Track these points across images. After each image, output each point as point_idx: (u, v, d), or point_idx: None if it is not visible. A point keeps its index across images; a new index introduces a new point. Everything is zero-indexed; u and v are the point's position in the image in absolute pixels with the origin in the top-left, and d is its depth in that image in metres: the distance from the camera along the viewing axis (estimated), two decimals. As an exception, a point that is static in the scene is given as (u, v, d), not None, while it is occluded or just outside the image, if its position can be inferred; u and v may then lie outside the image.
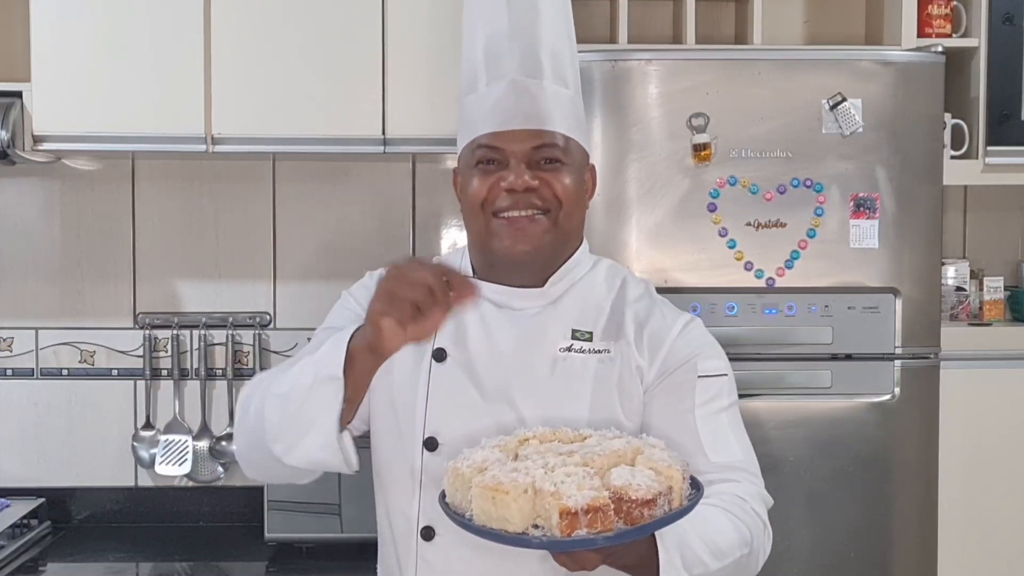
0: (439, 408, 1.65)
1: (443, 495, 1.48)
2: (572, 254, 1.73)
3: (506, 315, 1.70)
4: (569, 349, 1.68)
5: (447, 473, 1.46)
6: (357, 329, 1.54)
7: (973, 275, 2.94)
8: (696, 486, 1.48)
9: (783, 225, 2.46)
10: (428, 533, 1.67)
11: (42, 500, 2.89)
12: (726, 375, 1.71)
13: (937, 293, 2.54)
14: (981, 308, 2.91)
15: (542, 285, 1.71)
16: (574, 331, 1.69)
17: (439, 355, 1.69)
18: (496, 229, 1.66)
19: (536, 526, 1.36)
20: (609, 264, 1.80)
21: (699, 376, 1.67)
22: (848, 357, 2.48)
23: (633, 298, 1.73)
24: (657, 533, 1.47)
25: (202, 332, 2.95)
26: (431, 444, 1.66)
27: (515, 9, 1.68)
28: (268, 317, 2.99)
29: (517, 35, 1.67)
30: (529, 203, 1.64)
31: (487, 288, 1.71)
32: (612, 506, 1.35)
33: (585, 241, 1.78)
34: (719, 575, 1.55)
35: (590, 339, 1.68)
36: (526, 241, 1.65)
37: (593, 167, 1.76)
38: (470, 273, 1.77)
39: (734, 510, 1.60)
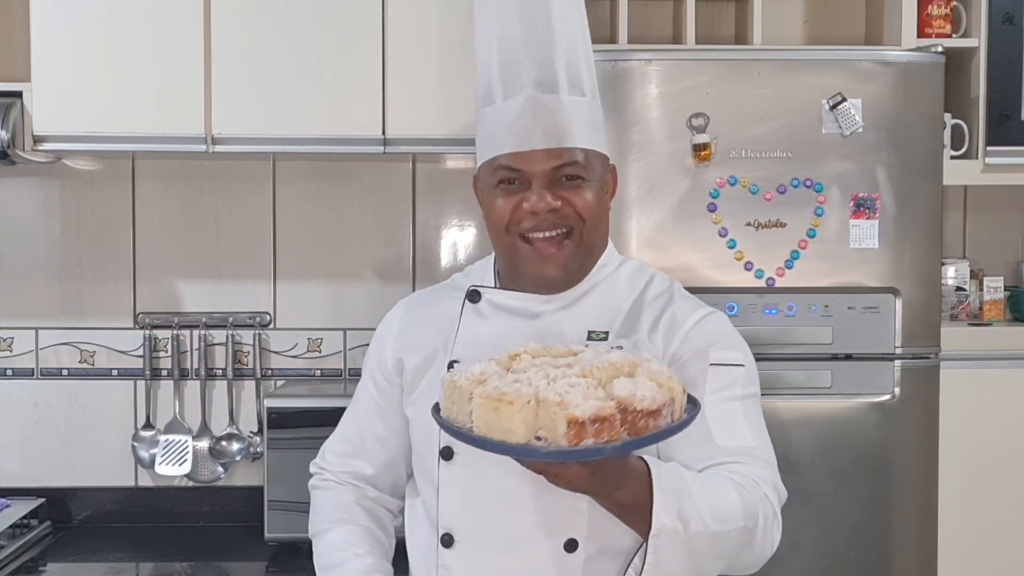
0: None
1: (436, 408, 1.45)
2: (598, 259, 1.73)
3: (523, 323, 1.70)
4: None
5: (443, 386, 1.43)
6: None
7: (973, 275, 2.94)
8: (693, 402, 1.45)
9: (783, 225, 2.46)
10: (448, 540, 1.68)
11: (42, 500, 2.89)
12: (743, 366, 1.67)
13: (937, 293, 2.54)
14: (981, 308, 2.91)
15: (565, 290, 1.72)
16: (590, 332, 1.68)
17: (452, 367, 1.71)
18: (523, 252, 1.67)
19: (538, 438, 1.32)
20: (637, 265, 1.79)
21: (711, 364, 1.64)
22: (848, 357, 2.49)
23: (653, 296, 1.73)
24: (656, 478, 1.45)
25: (202, 332, 2.95)
26: (447, 454, 1.68)
27: (528, 19, 1.65)
28: (268, 317, 2.99)
29: (531, 47, 1.65)
30: (553, 223, 1.65)
31: (507, 296, 1.73)
32: (618, 416, 1.32)
33: (611, 242, 1.77)
34: (718, 542, 1.49)
35: (605, 339, 1.68)
36: (553, 266, 1.67)
37: (614, 168, 1.75)
38: (492, 281, 1.77)
39: (742, 483, 1.55)
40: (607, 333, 1.68)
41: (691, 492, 1.48)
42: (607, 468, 1.40)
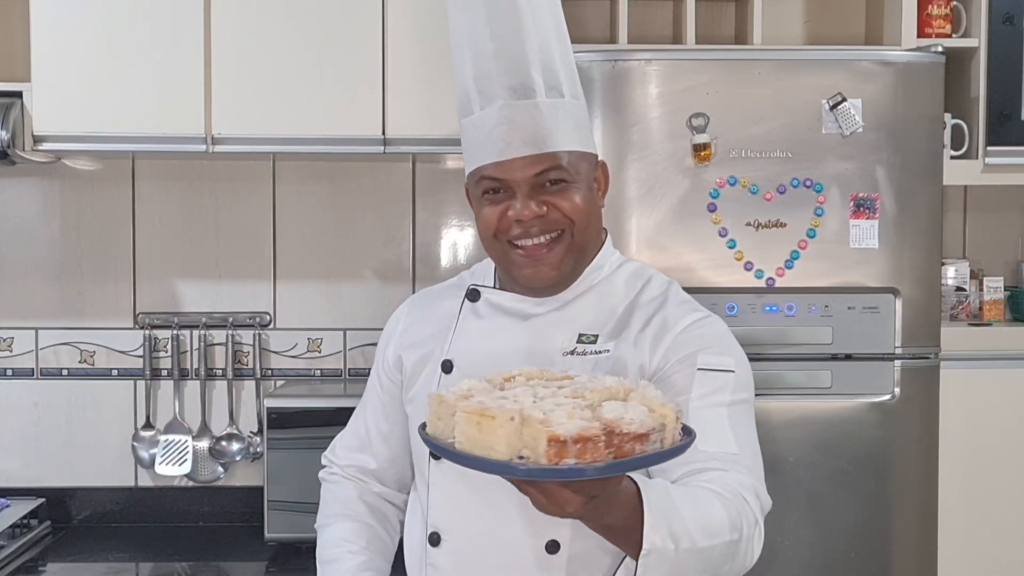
0: None
1: (423, 426, 1.43)
2: (592, 259, 1.72)
3: (516, 323, 1.70)
4: (572, 352, 1.67)
5: (429, 402, 1.41)
6: None
7: (973, 275, 2.94)
8: (688, 433, 1.41)
9: (783, 225, 2.46)
10: (435, 539, 1.69)
11: (42, 500, 2.89)
12: (733, 372, 1.66)
13: (937, 293, 2.54)
14: (981, 308, 2.91)
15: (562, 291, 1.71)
16: (580, 335, 1.68)
17: (446, 367, 1.71)
18: (515, 259, 1.67)
19: (521, 457, 1.29)
20: (636, 267, 1.77)
21: (699, 369, 1.63)
22: (848, 357, 2.48)
23: (647, 299, 1.71)
24: (645, 497, 1.43)
25: (202, 332, 2.95)
26: (436, 454, 1.67)
27: (497, 26, 1.64)
28: (268, 317, 2.99)
29: (503, 55, 1.64)
30: (541, 229, 1.64)
31: (503, 297, 1.73)
32: (603, 438, 1.28)
33: (608, 239, 1.76)
34: (705, 556, 1.48)
35: (594, 341, 1.67)
36: (545, 269, 1.66)
37: (603, 164, 1.74)
38: (492, 281, 1.77)
39: (725, 494, 1.53)
40: (596, 336, 1.67)
41: (679, 510, 1.46)
42: (602, 496, 1.37)
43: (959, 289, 2.90)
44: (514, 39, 1.64)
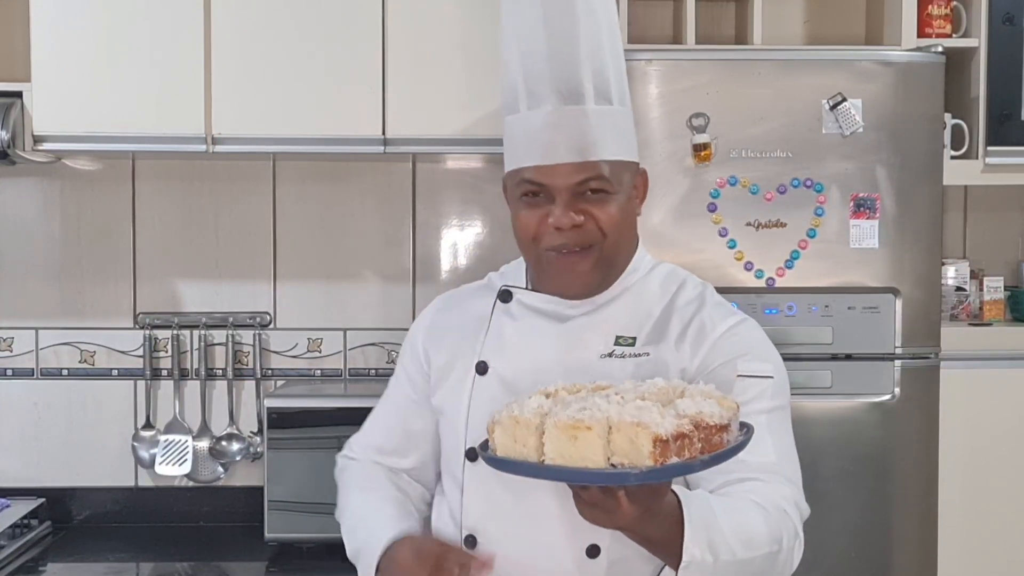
0: (479, 420, 1.62)
1: (483, 446, 1.42)
2: (625, 266, 1.71)
3: (551, 325, 1.69)
4: (610, 355, 1.66)
5: (496, 426, 1.39)
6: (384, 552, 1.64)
7: (973, 275, 2.94)
8: (744, 427, 1.44)
9: (783, 225, 2.46)
10: (471, 542, 1.67)
11: (42, 500, 2.89)
12: (771, 378, 1.65)
13: (937, 293, 2.54)
14: (981, 308, 2.91)
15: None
16: (618, 337, 1.67)
17: (481, 368, 1.70)
18: (547, 263, 1.66)
19: (612, 465, 1.30)
20: (669, 270, 1.77)
21: (738, 376, 1.62)
22: (848, 357, 2.49)
23: (684, 302, 1.70)
24: (686, 510, 1.44)
25: (202, 332, 2.95)
26: (471, 455, 1.67)
27: (552, 27, 1.62)
28: (268, 317, 2.99)
29: (556, 56, 1.61)
30: (577, 240, 1.62)
31: (536, 299, 1.71)
32: (698, 433, 1.32)
33: (642, 245, 1.75)
34: (744, 567, 1.49)
35: (632, 344, 1.66)
36: (575, 277, 1.65)
37: (644, 172, 1.73)
38: (523, 282, 1.75)
39: (766, 505, 1.54)
40: (634, 339, 1.66)
41: (719, 522, 1.47)
42: (655, 507, 1.38)
43: (959, 289, 2.90)
44: (568, 42, 1.62)
